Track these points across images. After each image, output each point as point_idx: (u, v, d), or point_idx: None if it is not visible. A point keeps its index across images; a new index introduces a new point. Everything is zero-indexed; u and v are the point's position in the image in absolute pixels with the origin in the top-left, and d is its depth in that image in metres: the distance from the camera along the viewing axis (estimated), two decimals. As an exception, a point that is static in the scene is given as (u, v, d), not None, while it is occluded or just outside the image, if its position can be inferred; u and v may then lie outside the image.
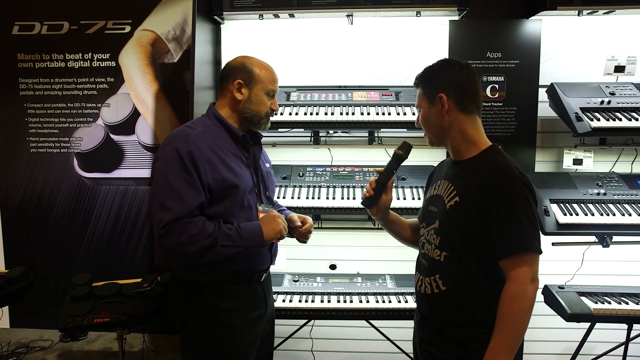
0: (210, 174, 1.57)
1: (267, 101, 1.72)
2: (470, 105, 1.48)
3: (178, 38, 3.22)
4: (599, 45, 2.69)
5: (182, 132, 1.62)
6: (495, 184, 1.37)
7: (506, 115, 2.63)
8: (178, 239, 1.49)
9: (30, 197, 3.39)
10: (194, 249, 1.50)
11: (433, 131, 1.54)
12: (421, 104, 1.54)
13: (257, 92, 1.70)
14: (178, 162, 1.54)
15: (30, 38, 3.27)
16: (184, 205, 1.51)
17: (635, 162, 2.70)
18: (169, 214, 1.50)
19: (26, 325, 3.45)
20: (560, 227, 2.30)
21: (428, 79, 1.52)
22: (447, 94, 1.46)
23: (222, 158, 1.62)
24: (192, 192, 1.53)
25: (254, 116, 1.71)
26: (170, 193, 1.52)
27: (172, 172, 1.53)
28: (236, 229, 1.57)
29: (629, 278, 2.67)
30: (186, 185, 1.53)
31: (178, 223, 1.50)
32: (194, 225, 1.51)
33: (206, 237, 1.51)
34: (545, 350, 2.79)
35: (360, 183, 2.60)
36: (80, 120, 3.33)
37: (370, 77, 2.82)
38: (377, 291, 2.42)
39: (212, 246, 1.52)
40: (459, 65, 1.51)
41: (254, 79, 1.70)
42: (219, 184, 1.58)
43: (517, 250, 1.35)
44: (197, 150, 1.56)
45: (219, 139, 1.66)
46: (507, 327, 1.34)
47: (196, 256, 1.52)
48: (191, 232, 1.50)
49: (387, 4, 2.52)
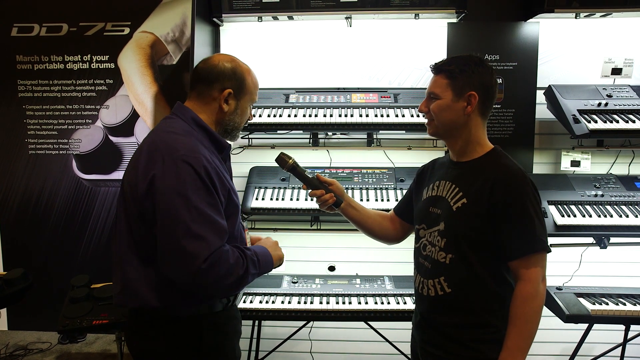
0: (221, 190, 1.37)
1: (249, 113, 1.57)
2: (488, 110, 1.49)
3: (177, 40, 3.23)
4: (596, 48, 2.70)
5: (178, 143, 1.35)
6: (507, 187, 1.38)
7: (504, 117, 2.64)
8: (218, 272, 1.29)
9: (29, 199, 3.39)
10: (230, 281, 1.32)
11: (445, 124, 1.48)
12: (443, 94, 1.45)
13: (244, 103, 1.51)
14: (195, 180, 1.30)
15: (29, 40, 3.27)
16: (219, 233, 1.31)
17: (632, 164, 2.71)
18: (208, 245, 1.27)
19: (24, 328, 3.44)
20: (558, 228, 2.31)
21: (460, 71, 1.44)
22: (479, 93, 1.44)
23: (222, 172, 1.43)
24: (220, 216, 1.34)
25: (235, 128, 1.53)
26: (200, 219, 1.28)
27: (193, 193, 1.28)
28: (255, 254, 1.44)
29: (626, 279, 2.68)
30: (213, 209, 1.32)
31: (218, 254, 1.29)
32: (230, 254, 1.33)
33: (240, 266, 1.35)
34: (543, 352, 2.80)
35: (359, 185, 2.61)
36: (79, 122, 3.33)
37: (369, 79, 2.82)
38: (376, 292, 2.43)
39: (246, 275, 1.37)
40: (490, 67, 1.48)
41: (244, 89, 1.49)
42: (227, 200, 1.41)
43: (530, 251, 1.36)
44: (208, 164, 1.33)
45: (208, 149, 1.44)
46: (522, 326, 1.36)
47: (230, 288, 1.35)
48: (229, 263, 1.31)
49: (385, 6, 2.53)
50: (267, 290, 2.45)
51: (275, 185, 2.62)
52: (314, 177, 1.70)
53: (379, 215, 1.80)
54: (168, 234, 1.28)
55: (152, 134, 1.46)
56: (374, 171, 2.70)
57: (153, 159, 1.33)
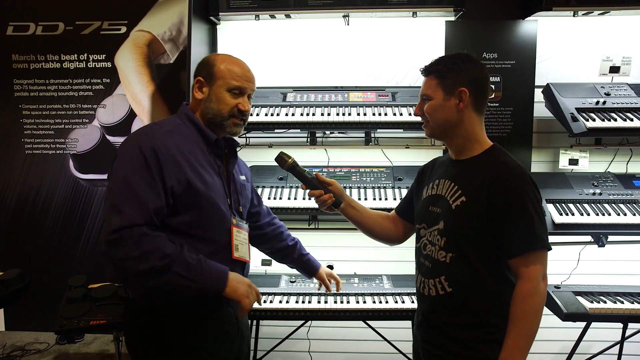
0: (174, 176, 1.39)
1: (231, 99, 1.52)
2: (483, 105, 1.48)
3: (174, 39, 3.21)
4: (594, 46, 2.70)
5: (147, 129, 1.47)
6: (506, 184, 1.37)
7: (502, 116, 2.64)
8: (129, 251, 1.29)
9: (26, 199, 3.37)
10: (143, 267, 1.29)
11: (440, 123, 1.48)
12: (435, 94, 1.46)
13: (217, 89, 1.52)
14: (139, 160, 1.35)
15: (25, 39, 3.26)
16: (141, 210, 1.32)
17: (630, 162, 2.71)
18: (123, 218, 1.30)
19: (22, 328, 3.43)
20: (556, 227, 2.31)
21: (448, 70, 1.44)
22: (469, 89, 1.43)
23: (190, 161, 1.44)
24: (152, 196, 1.34)
25: (215, 116, 1.52)
26: (126, 194, 1.33)
27: (131, 170, 1.35)
28: (199, 261, 1.37)
29: (624, 277, 2.69)
30: (145, 187, 1.34)
31: (132, 231, 1.30)
32: (150, 239, 1.31)
33: (161, 258, 1.30)
34: (541, 350, 2.80)
35: (357, 184, 2.61)
36: (76, 122, 3.31)
37: (366, 77, 2.82)
38: (374, 292, 2.42)
39: (165, 270, 1.31)
40: (479, 62, 1.48)
41: (214, 75, 1.53)
42: (184, 189, 1.41)
43: (530, 249, 1.36)
44: (162, 148, 1.39)
45: (190, 142, 1.49)
46: (522, 325, 1.35)
47: (143, 276, 1.31)
48: (145, 247, 1.30)
49: (383, 4, 2.53)
50: (265, 289, 2.44)
51: (272, 185, 2.61)
52: (314, 177, 1.69)
53: (379, 216, 1.80)
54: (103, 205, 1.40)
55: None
56: (372, 170, 2.69)
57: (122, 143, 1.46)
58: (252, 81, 1.59)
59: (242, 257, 1.60)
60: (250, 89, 1.58)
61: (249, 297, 1.45)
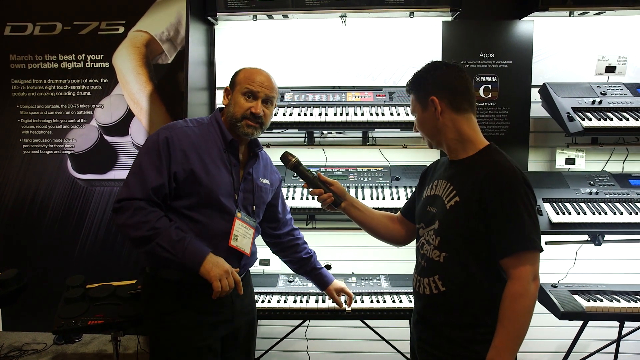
0: (180, 164, 1.58)
1: (245, 103, 1.68)
2: (463, 104, 1.49)
3: (172, 39, 3.22)
4: (590, 46, 2.72)
5: (172, 123, 1.69)
6: (496, 183, 1.37)
7: (499, 115, 2.65)
8: (126, 219, 1.52)
9: (24, 199, 3.37)
10: (134, 234, 1.52)
11: (430, 134, 1.55)
12: (415, 110, 1.57)
13: (236, 94, 1.70)
14: (154, 146, 1.59)
15: (22, 39, 3.26)
16: (142, 186, 1.54)
17: (626, 162, 2.72)
18: (127, 191, 1.55)
19: (19, 328, 3.43)
20: (553, 226, 2.32)
21: (418, 84, 1.54)
22: (438, 96, 1.47)
23: (200, 154, 1.63)
24: (154, 175, 1.56)
25: (232, 118, 1.69)
26: (136, 172, 1.57)
27: (145, 154, 1.59)
28: (183, 238, 1.54)
29: (620, 276, 2.70)
30: (152, 168, 1.56)
31: (131, 203, 1.53)
32: (144, 212, 1.53)
33: (150, 229, 1.51)
34: (538, 349, 2.81)
35: (354, 183, 2.61)
36: (74, 122, 3.32)
37: (364, 77, 2.83)
38: (372, 291, 2.43)
39: (150, 239, 1.51)
40: (446, 66, 1.52)
41: (235, 82, 1.72)
42: (187, 176, 1.59)
43: (520, 249, 1.35)
44: (174, 138, 1.60)
45: (209, 140, 1.68)
46: (510, 325, 1.35)
47: (135, 242, 1.53)
48: (139, 218, 1.51)
49: (380, 4, 2.53)
50: (263, 289, 2.44)
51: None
52: (315, 176, 1.75)
53: (384, 217, 1.81)
54: None
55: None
56: (370, 169, 2.70)
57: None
58: (267, 87, 1.70)
59: (239, 247, 1.70)
60: (264, 94, 1.69)
61: (221, 281, 1.53)
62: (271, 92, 1.72)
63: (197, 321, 1.65)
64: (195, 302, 1.65)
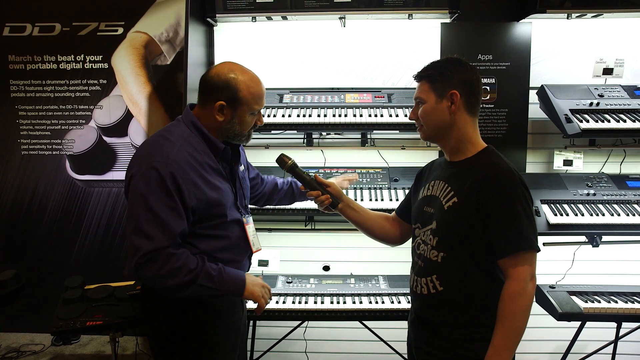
0: (194, 196, 1.49)
1: (252, 119, 1.62)
2: (476, 107, 1.51)
3: (171, 40, 3.22)
4: (588, 48, 2.73)
5: (159, 147, 1.50)
6: (495, 184, 1.39)
7: (497, 117, 2.66)
8: (158, 270, 1.42)
9: (22, 200, 3.37)
10: (172, 283, 1.44)
11: (434, 126, 1.51)
12: (427, 98, 1.50)
13: (241, 113, 1.58)
14: (159, 185, 1.44)
15: (21, 39, 3.26)
16: (167, 234, 1.43)
17: (623, 163, 2.73)
18: (150, 243, 1.41)
19: (17, 329, 3.42)
20: (551, 227, 2.33)
21: (439, 74, 1.48)
22: (459, 91, 1.46)
23: (204, 176, 1.54)
24: (175, 219, 1.45)
25: (236, 135, 1.63)
26: (152, 219, 1.43)
27: (153, 195, 1.43)
28: (220, 271, 1.52)
29: (618, 277, 2.70)
30: (169, 212, 1.44)
31: (160, 253, 1.42)
32: (177, 258, 1.44)
33: (187, 273, 1.45)
34: (537, 350, 2.81)
35: (353, 185, 2.61)
36: (73, 123, 3.31)
37: (362, 79, 2.83)
38: (370, 292, 2.43)
39: (192, 283, 1.46)
40: (469, 65, 1.51)
41: (238, 101, 1.56)
42: (204, 205, 1.53)
43: (518, 250, 1.37)
44: (179, 171, 1.46)
45: (199, 153, 1.55)
46: (509, 324, 1.36)
47: (173, 290, 1.46)
48: (173, 266, 1.43)
49: (379, 6, 2.54)
50: (262, 290, 2.44)
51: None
52: (312, 178, 1.75)
53: (380, 217, 1.82)
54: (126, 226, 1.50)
55: (152, 135, 1.63)
56: (368, 171, 2.70)
57: (135, 160, 1.53)
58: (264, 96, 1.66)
59: (257, 249, 1.77)
60: (263, 105, 1.66)
61: (264, 297, 1.62)
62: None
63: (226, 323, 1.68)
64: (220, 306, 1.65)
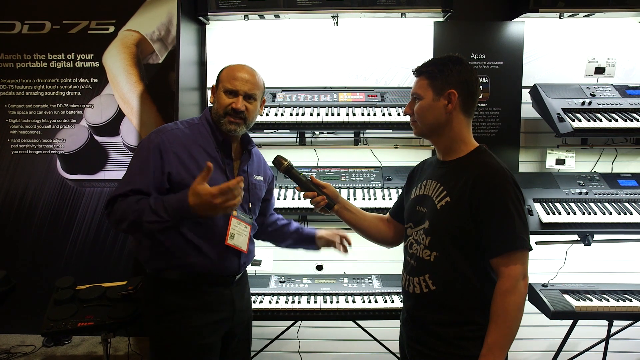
0: (174, 166, 1.60)
1: (226, 99, 1.67)
2: (472, 108, 1.50)
3: (163, 38, 3.20)
4: (580, 48, 2.74)
5: (163, 126, 1.70)
6: (487, 184, 1.39)
7: (490, 116, 2.66)
8: (114, 215, 1.55)
9: (12, 200, 3.33)
10: (124, 226, 1.53)
11: (428, 123, 1.51)
12: (425, 94, 1.49)
13: (219, 92, 1.70)
14: (144, 149, 1.61)
15: (10, 37, 3.22)
16: (125, 186, 1.56)
17: (615, 162, 2.75)
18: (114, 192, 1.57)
19: (7, 331, 3.38)
20: (544, 226, 2.34)
21: (439, 71, 1.47)
22: (457, 90, 1.46)
23: (193, 155, 1.63)
24: (140, 177, 1.57)
25: (215, 115, 1.70)
26: (125, 175, 1.60)
27: (135, 157, 1.62)
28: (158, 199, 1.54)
29: (609, 275, 2.73)
30: (138, 170, 1.58)
31: (114, 200, 1.55)
32: (125, 201, 1.54)
33: (133, 212, 1.51)
34: (529, 348, 2.83)
35: (346, 184, 2.61)
36: (63, 122, 3.28)
37: (355, 78, 2.83)
38: (364, 291, 2.43)
39: (139, 221, 1.51)
40: (470, 65, 1.50)
41: (218, 80, 1.72)
42: (181, 177, 1.59)
43: (510, 249, 1.37)
44: (165, 142, 1.61)
45: (201, 140, 1.68)
46: (502, 323, 1.37)
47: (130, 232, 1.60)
48: (122, 208, 1.53)
49: (372, 5, 2.54)
50: (255, 289, 2.44)
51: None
52: (308, 179, 1.75)
53: (375, 218, 1.82)
54: None
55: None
56: (361, 170, 2.70)
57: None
58: (247, 82, 1.68)
59: (235, 245, 1.69)
60: (243, 90, 1.67)
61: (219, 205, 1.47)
62: (253, 88, 1.69)
63: (199, 320, 1.65)
64: (196, 301, 1.66)
